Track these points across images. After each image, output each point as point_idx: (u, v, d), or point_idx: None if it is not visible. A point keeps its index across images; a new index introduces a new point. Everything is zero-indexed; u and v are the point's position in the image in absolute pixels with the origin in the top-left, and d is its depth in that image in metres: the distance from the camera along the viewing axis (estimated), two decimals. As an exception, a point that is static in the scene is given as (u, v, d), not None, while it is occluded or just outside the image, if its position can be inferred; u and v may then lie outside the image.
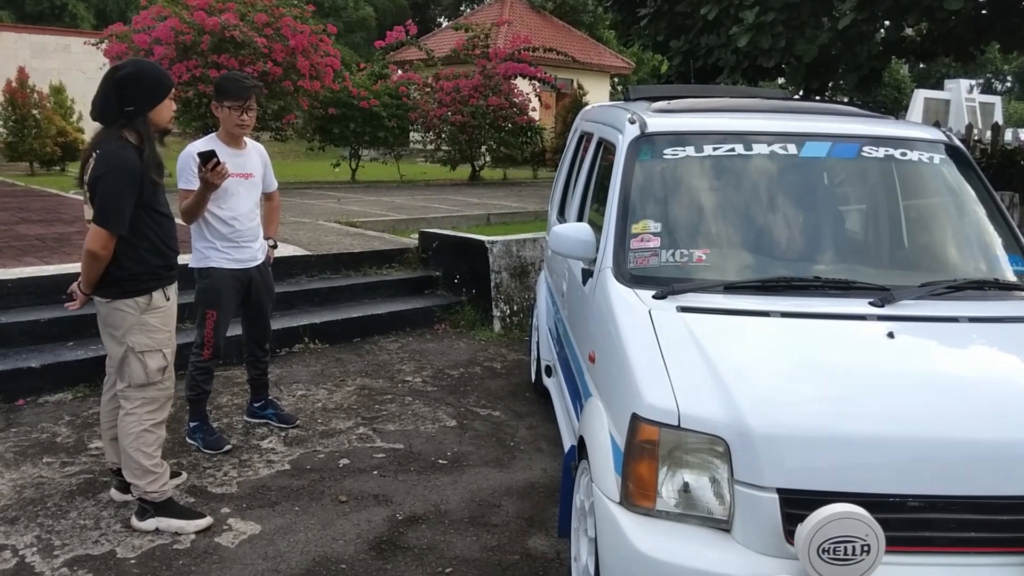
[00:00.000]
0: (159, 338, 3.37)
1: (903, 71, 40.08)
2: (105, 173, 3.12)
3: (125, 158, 3.15)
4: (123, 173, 3.14)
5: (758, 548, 2.17)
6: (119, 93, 3.18)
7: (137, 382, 3.33)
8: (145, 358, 3.32)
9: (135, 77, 3.20)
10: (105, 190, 3.13)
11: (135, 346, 3.31)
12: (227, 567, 3.19)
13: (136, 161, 3.17)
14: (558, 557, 3.32)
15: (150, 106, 3.24)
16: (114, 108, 3.19)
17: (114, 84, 3.19)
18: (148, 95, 3.24)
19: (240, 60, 11.62)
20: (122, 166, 3.14)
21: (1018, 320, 2.73)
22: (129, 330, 3.29)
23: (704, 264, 2.93)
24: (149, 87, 3.24)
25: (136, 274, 3.28)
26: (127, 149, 3.17)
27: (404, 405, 4.98)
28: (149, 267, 3.32)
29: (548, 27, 27.74)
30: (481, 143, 15.53)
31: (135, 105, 3.19)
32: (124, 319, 3.29)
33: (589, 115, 4.69)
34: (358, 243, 7.58)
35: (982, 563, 2.17)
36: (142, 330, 3.32)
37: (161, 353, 3.38)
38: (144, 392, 3.35)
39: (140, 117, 3.21)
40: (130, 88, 3.19)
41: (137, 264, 3.27)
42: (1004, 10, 12.57)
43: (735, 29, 11.72)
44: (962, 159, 3.30)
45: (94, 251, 3.16)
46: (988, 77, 58.03)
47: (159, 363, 3.37)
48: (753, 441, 2.18)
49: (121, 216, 3.15)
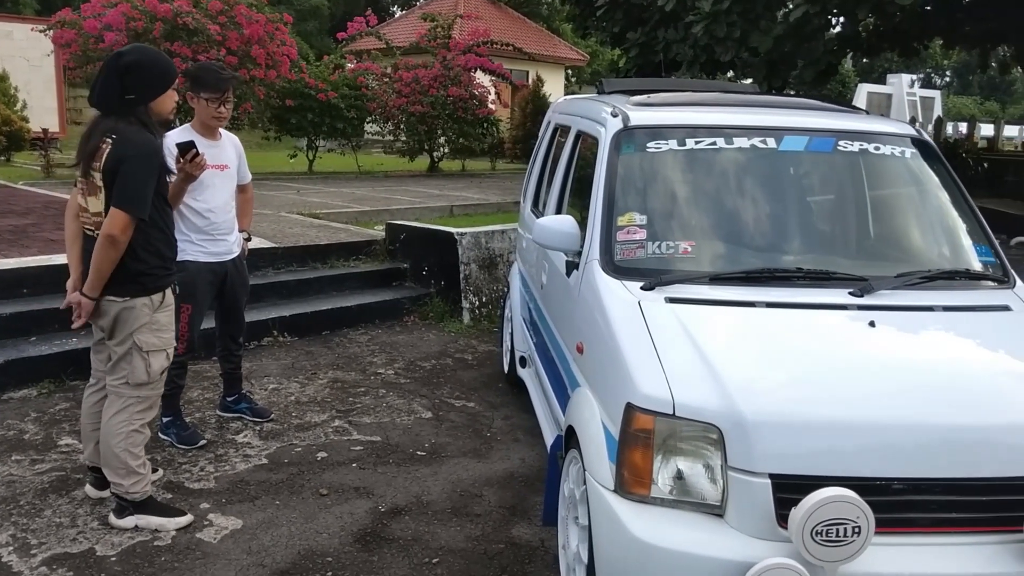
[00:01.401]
0: (166, 338, 3.31)
1: (847, 66, 40.97)
2: (130, 156, 3.03)
3: (150, 142, 3.09)
4: (149, 157, 3.08)
5: (751, 532, 2.24)
6: (121, 81, 3.10)
7: (137, 380, 3.25)
8: (150, 358, 3.25)
9: (139, 65, 3.12)
10: (130, 172, 3.03)
11: (143, 345, 3.22)
12: (211, 562, 3.16)
13: (156, 144, 3.12)
14: (543, 545, 3.36)
15: (152, 96, 3.17)
16: (115, 96, 3.11)
17: (117, 71, 3.10)
18: (151, 85, 3.17)
19: (193, 48, 11.38)
20: (148, 150, 3.08)
21: (988, 308, 2.85)
22: (139, 329, 3.21)
23: (689, 256, 2.99)
24: (152, 77, 3.17)
25: (152, 267, 3.21)
26: (143, 132, 3.10)
27: (378, 397, 4.97)
28: (163, 260, 3.26)
29: (504, 18, 27.72)
30: (440, 134, 15.46)
31: (136, 94, 3.12)
32: (139, 318, 3.20)
33: (563, 107, 4.72)
34: (323, 235, 7.51)
35: (962, 542, 2.27)
36: (151, 329, 3.24)
37: (165, 353, 3.32)
38: (139, 391, 3.28)
39: (141, 107, 3.14)
40: (133, 77, 3.11)
41: (154, 256, 3.20)
42: (948, 6, 12.93)
43: (691, 17, 11.87)
44: (931, 153, 3.42)
45: (114, 235, 3.02)
46: (928, 72, 59.66)
47: (162, 363, 3.31)
48: (746, 428, 2.25)
49: (145, 200, 3.07)
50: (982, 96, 61.26)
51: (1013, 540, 2.25)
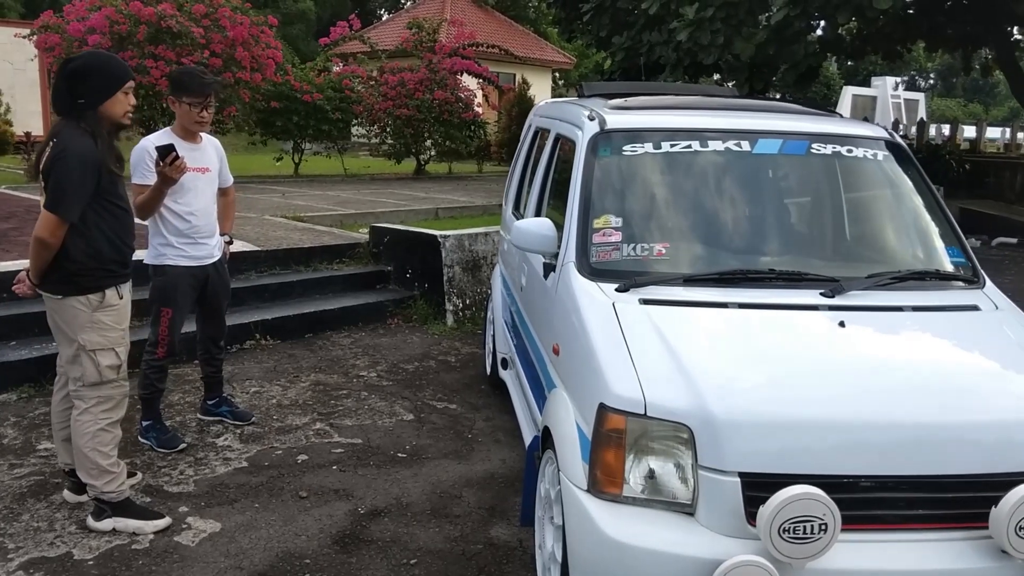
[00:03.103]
0: (112, 336, 3.32)
1: (832, 68, 41.26)
2: (60, 159, 3.07)
3: (81, 144, 3.10)
4: (77, 159, 3.09)
5: (721, 530, 2.27)
6: (68, 86, 3.15)
7: (90, 381, 3.27)
8: (97, 356, 3.27)
9: (84, 71, 3.16)
10: (58, 175, 3.07)
11: (87, 344, 3.25)
12: (189, 566, 3.16)
13: (92, 149, 3.12)
14: (520, 545, 3.38)
15: (100, 100, 3.18)
16: (66, 100, 3.16)
17: (64, 76, 3.16)
18: (97, 89, 3.18)
19: (177, 51, 11.37)
20: (77, 152, 3.09)
21: (957, 309, 2.89)
22: (81, 328, 3.23)
23: (664, 258, 3.02)
24: (99, 81, 3.19)
25: (89, 269, 3.21)
26: (83, 137, 3.12)
27: (360, 400, 4.98)
28: (102, 261, 3.25)
29: (490, 22, 27.77)
30: (426, 137, 15.48)
31: (85, 98, 3.15)
32: (76, 317, 3.23)
33: (544, 111, 4.75)
34: (307, 238, 7.51)
35: (929, 539, 2.30)
36: (94, 328, 3.26)
37: (114, 352, 3.32)
38: (98, 391, 3.30)
39: (91, 111, 3.16)
40: (79, 81, 3.15)
41: (89, 258, 3.20)
42: (929, 10, 13.07)
43: (675, 24, 11.96)
44: (903, 155, 3.47)
45: (43, 238, 3.09)
46: (912, 75, 60.11)
47: (111, 361, 3.32)
48: (716, 428, 2.27)
49: (72, 202, 3.09)
50: (966, 98, 61.79)
51: (979, 536, 2.29)
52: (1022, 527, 2.20)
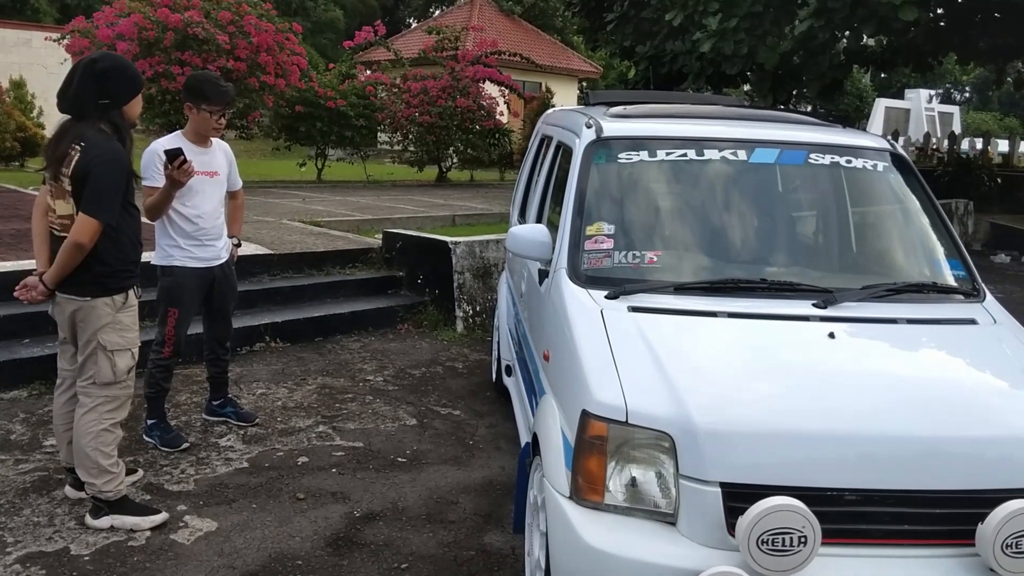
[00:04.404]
0: (130, 337, 3.37)
1: (865, 80, 40.82)
2: (99, 163, 3.11)
3: (117, 149, 3.17)
4: (117, 164, 3.15)
5: (702, 540, 2.25)
6: (98, 86, 3.18)
7: (103, 380, 3.31)
8: (115, 357, 3.31)
9: (116, 71, 3.21)
10: (99, 180, 3.11)
11: (107, 345, 3.29)
12: (182, 563, 3.19)
13: (123, 151, 3.19)
14: (513, 553, 3.37)
15: (125, 100, 3.25)
16: (91, 101, 3.18)
17: (94, 77, 3.17)
18: (125, 90, 3.25)
19: (203, 57, 11.54)
20: (116, 157, 3.15)
21: (953, 322, 2.84)
22: (102, 328, 3.27)
23: (655, 265, 3.01)
24: (127, 82, 3.26)
25: (116, 271, 3.28)
26: (113, 140, 3.18)
27: (364, 404, 5.00)
28: (126, 263, 3.32)
29: (517, 30, 27.86)
30: (449, 144, 15.54)
31: (111, 99, 3.20)
32: (100, 318, 3.27)
33: (550, 119, 4.75)
34: (321, 242, 7.57)
35: (914, 555, 2.26)
36: (115, 329, 3.30)
37: (130, 352, 3.37)
38: (107, 391, 3.34)
39: (116, 110, 3.22)
40: (110, 81, 3.19)
41: (117, 260, 3.27)
42: (961, 24, 12.90)
43: (699, 35, 11.92)
44: (905, 167, 3.42)
45: (83, 243, 3.12)
46: (947, 87, 59.31)
47: (128, 363, 3.36)
48: (698, 437, 2.26)
49: (113, 205, 3.16)
50: (1002, 112, 60.81)
51: (966, 554, 2.24)
52: (1009, 544, 2.15)
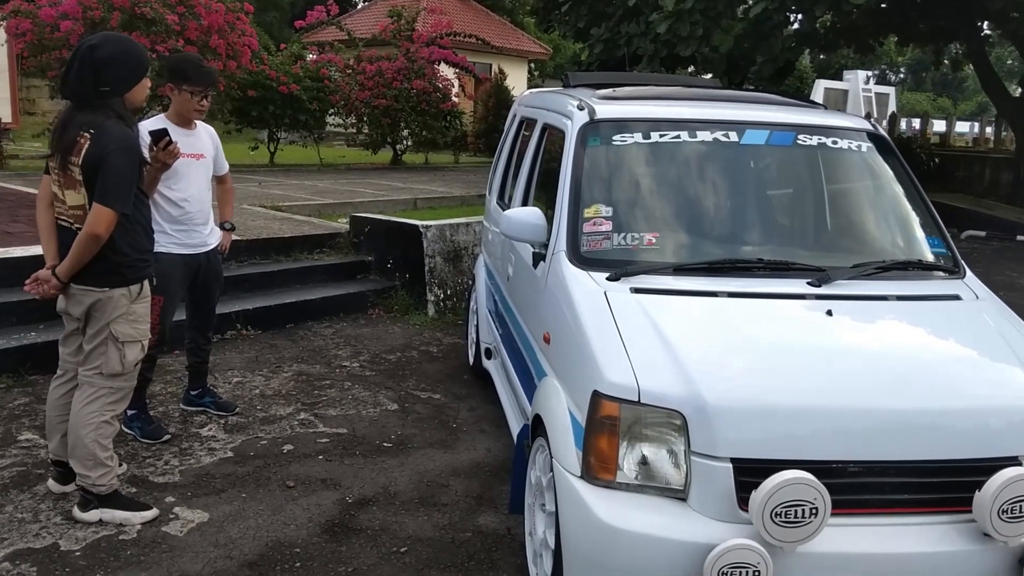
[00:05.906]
0: (142, 329, 3.30)
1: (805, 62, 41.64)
2: (112, 151, 3.02)
3: (130, 136, 3.08)
4: (130, 152, 3.07)
5: (713, 515, 2.31)
6: (97, 75, 3.07)
7: (111, 371, 3.23)
8: (125, 348, 3.24)
9: (114, 59, 3.09)
10: (114, 168, 3.02)
11: (119, 336, 3.21)
12: (178, 555, 3.15)
13: (136, 138, 3.11)
14: (509, 533, 3.41)
15: (127, 88, 3.15)
16: (90, 89, 3.08)
17: (91, 65, 3.06)
18: (126, 78, 3.15)
19: (151, 38, 11.19)
20: (129, 145, 3.07)
21: (939, 298, 2.96)
22: (116, 319, 3.20)
23: (654, 247, 3.06)
24: (125, 69, 3.15)
25: (132, 260, 3.21)
26: (123, 126, 3.09)
27: (343, 390, 4.97)
28: (141, 252, 3.25)
29: (467, 11, 27.62)
30: (403, 127, 15.39)
31: (112, 87, 3.09)
32: (116, 308, 3.19)
33: (529, 101, 4.75)
34: (287, 228, 7.47)
35: (914, 523, 2.36)
36: (128, 320, 3.23)
37: (140, 344, 3.31)
38: (112, 382, 3.26)
39: (116, 98, 3.12)
40: (110, 70, 3.08)
41: (133, 249, 3.20)
42: (902, 5, 13.23)
43: (655, 16, 12.00)
44: (886, 147, 3.52)
45: (99, 234, 3.03)
46: (883, 68, 60.80)
47: (137, 354, 3.30)
48: (709, 414, 2.31)
49: (128, 194, 3.08)
50: (935, 92, 62.63)
51: (962, 520, 2.35)
52: (1004, 511, 2.26)
